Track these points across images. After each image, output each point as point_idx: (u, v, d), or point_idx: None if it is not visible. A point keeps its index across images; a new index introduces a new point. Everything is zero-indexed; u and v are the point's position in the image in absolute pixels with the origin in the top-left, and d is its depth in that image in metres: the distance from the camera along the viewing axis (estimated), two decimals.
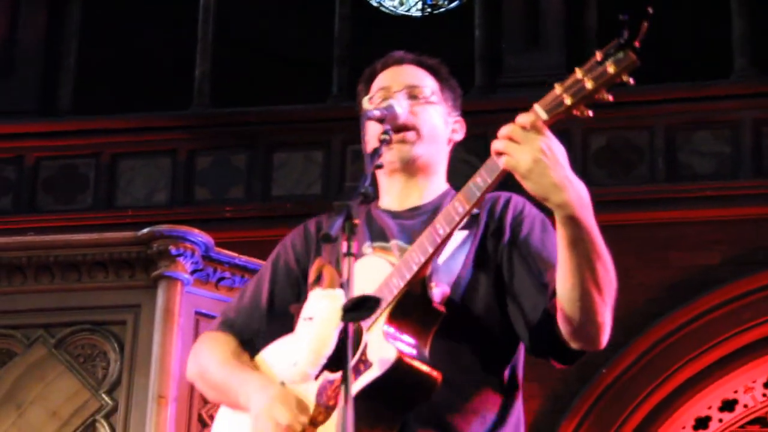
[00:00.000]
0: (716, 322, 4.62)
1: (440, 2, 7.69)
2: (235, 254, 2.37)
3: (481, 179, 0.97)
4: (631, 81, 0.87)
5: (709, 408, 4.73)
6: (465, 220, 1.02)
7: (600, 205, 1.08)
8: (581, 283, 0.95)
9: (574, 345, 1.01)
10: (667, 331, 4.63)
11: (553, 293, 1.00)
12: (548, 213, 1.02)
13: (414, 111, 1.17)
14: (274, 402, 1.03)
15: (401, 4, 7.71)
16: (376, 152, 1.07)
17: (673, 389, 4.61)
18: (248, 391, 1.09)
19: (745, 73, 5.12)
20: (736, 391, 4.73)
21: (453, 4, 7.60)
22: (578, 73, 0.87)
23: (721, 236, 4.74)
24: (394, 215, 1.22)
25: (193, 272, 2.28)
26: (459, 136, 1.30)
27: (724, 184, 4.91)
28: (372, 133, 1.14)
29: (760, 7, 5.41)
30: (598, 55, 0.86)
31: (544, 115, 0.90)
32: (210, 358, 1.20)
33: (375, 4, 7.59)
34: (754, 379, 4.75)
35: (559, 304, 0.98)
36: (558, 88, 0.89)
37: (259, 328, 1.22)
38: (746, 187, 4.88)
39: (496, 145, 0.93)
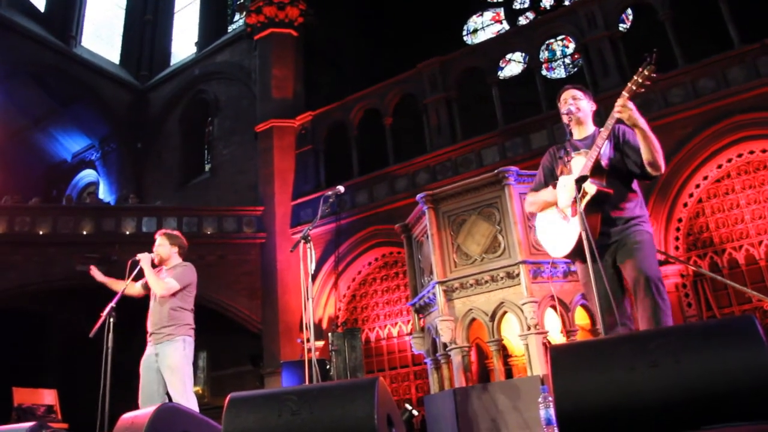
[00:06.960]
0: None
1: None
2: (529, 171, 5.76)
3: (610, 120, 2.89)
4: (654, 76, 2.59)
5: None
6: (607, 134, 2.89)
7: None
8: (648, 148, 2.85)
9: (652, 172, 2.90)
10: None
11: (641, 158, 2.91)
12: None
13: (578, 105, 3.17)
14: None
15: None
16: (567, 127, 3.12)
17: None
18: (548, 194, 3.23)
19: None
20: None
21: None
22: (636, 77, 2.63)
23: None
24: (580, 140, 3.16)
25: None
26: (593, 107, 3.28)
27: None
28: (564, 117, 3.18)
29: None
30: (640, 69, 2.63)
31: (626, 95, 2.74)
32: (532, 196, 3.39)
33: None
34: None
35: (644, 160, 2.89)
36: (630, 83, 2.66)
37: (542, 188, 3.32)
38: None
39: (615, 107, 2.76)
